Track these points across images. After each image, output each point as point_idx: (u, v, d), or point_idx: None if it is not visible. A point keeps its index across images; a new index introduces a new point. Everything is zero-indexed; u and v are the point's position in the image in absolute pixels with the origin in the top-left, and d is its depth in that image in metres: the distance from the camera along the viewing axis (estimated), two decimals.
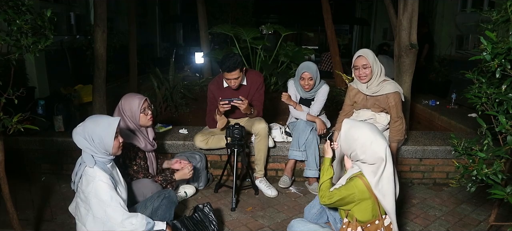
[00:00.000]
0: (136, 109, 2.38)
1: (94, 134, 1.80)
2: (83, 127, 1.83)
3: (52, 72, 5.35)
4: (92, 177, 1.79)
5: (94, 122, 1.84)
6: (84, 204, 1.83)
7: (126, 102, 2.40)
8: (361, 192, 1.77)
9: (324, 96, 3.04)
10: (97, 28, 3.64)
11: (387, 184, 1.78)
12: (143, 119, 2.42)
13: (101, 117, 1.91)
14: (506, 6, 1.50)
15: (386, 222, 1.83)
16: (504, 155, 1.56)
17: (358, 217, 1.80)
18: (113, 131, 1.84)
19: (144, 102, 2.42)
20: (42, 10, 1.77)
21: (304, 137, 2.90)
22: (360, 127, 1.82)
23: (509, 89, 1.53)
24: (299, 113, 3.02)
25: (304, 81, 2.94)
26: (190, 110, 4.73)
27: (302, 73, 2.94)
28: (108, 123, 1.86)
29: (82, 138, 1.81)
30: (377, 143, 1.76)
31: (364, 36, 13.98)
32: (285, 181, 3.00)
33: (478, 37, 1.61)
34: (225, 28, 5.34)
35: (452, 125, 3.95)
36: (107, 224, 1.80)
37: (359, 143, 1.77)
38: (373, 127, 1.84)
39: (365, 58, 2.63)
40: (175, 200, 2.22)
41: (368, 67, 2.64)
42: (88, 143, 1.80)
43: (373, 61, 2.64)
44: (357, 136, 1.79)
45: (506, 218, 2.48)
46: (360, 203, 1.78)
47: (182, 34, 15.63)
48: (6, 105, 1.77)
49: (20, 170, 3.19)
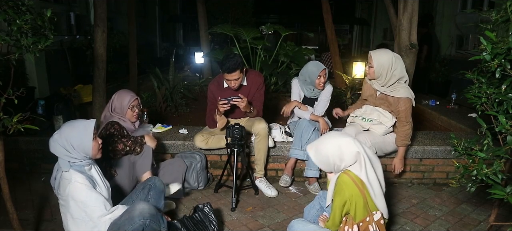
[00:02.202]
0: (126, 103, 2.59)
1: (71, 138, 1.79)
2: (59, 134, 1.81)
3: (52, 72, 5.36)
4: (68, 179, 1.78)
5: (70, 127, 1.84)
6: (64, 208, 1.84)
7: (119, 95, 2.63)
8: (350, 188, 1.76)
9: (328, 96, 3.05)
10: (97, 28, 3.64)
11: (372, 174, 1.80)
12: (129, 113, 2.61)
13: (76, 121, 1.90)
14: (506, 6, 1.50)
15: (376, 217, 1.84)
16: (504, 155, 1.55)
17: (353, 217, 1.80)
18: (90, 132, 1.83)
19: (134, 100, 2.62)
20: (42, 10, 1.77)
21: (306, 136, 2.90)
22: (323, 143, 1.85)
23: (509, 89, 1.53)
24: (303, 113, 3.02)
25: (320, 79, 2.94)
26: (190, 110, 4.73)
27: (320, 71, 2.92)
28: (84, 125, 1.85)
29: (60, 146, 1.79)
30: (345, 144, 1.79)
31: (364, 36, 13.99)
32: (286, 180, 3.00)
33: (478, 37, 1.61)
34: (225, 28, 5.34)
35: (452, 125, 3.95)
36: (88, 224, 1.80)
37: (332, 156, 1.80)
38: (332, 134, 1.89)
39: (371, 57, 2.67)
40: (162, 188, 2.20)
41: (371, 67, 2.66)
42: (65, 150, 1.79)
43: (379, 64, 2.62)
44: (325, 152, 1.82)
45: (506, 218, 2.48)
46: (355, 203, 1.78)
47: (182, 34, 15.65)
48: (6, 105, 1.77)
49: (20, 170, 3.19)
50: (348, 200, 1.77)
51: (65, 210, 1.83)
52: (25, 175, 3.16)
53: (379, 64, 2.62)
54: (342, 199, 1.78)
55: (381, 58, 2.63)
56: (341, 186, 1.78)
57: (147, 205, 1.83)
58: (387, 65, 2.61)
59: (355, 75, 5.16)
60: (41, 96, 4.30)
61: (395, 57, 2.64)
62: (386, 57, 2.63)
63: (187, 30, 15.83)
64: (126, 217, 1.79)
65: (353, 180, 1.77)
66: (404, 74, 2.68)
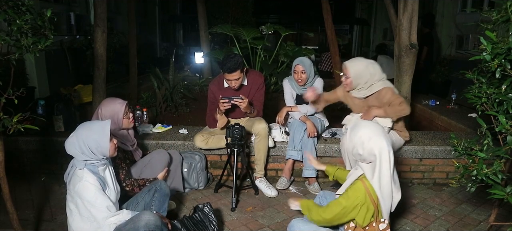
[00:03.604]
0: (121, 115, 2.43)
1: (89, 140, 1.81)
2: (76, 137, 1.82)
3: (52, 72, 5.35)
4: (79, 177, 1.81)
5: (87, 129, 1.84)
6: (72, 203, 1.86)
7: (107, 108, 2.41)
8: (363, 197, 1.76)
9: (319, 89, 3.01)
10: (97, 28, 3.64)
11: (386, 186, 1.79)
12: (125, 122, 2.48)
13: (92, 123, 1.92)
14: (506, 6, 1.50)
15: (381, 226, 1.83)
16: (504, 155, 1.55)
17: (359, 221, 1.80)
18: (107, 133, 1.85)
19: (125, 107, 2.47)
20: (42, 10, 1.77)
21: (299, 136, 2.90)
22: (364, 125, 1.86)
23: (509, 89, 1.53)
24: (295, 114, 3.02)
25: (297, 74, 2.96)
26: (190, 110, 4.74)
27: (295, 66, 2.97)
28: (101, 126, 1.86)
29: (77, 148, 1.80)
30: (374, 141, 1.77)
31: (364, 36, 13.98)
32: (283, 183, 2.99)
33: (478, 37, 1.61)
34: (225, 28, 5.34)
35: (452, 125, 3.95)
36: (93, 224, 1.83)
37: (359, 138, 1.80)
38: (376, 126, 1.86)
39: (346, 68, 2.66)
40: (167, 192, 2.20)
41: (348, 78, 2.67)
42: (83, 153, 1.81)
43: (355, 73, 2.62)
44: (358, 132, 1.83)
45: (506, 218, 2.48)
46: (361, 209, 1.78)
47: (182, 34, 15.64)
48: (6, 105, 1.77)
49: (20, 170, 3.19)
50: (355, 208, 1.76)
51: (73, 206, 1.84)
52: (25, 175, 3.16)
53: (356, 73, 2.62)
54: (350, 205, 1.76)
55: (356, 67, 2.62)
56: (355, 192, 1.78)
57: (153, 216, 1.83)
58: (364, 73, 2.60)
59: None
60: (41, 96, 4.30)
61: (370, 64, 2.63)
62: (361, 65, 2.62)
63: (187, 30, 15.83)
64: (131, 226, 1.79)
65: (367, 190, 1.77)
66: (382, 76, 2.65)
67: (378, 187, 1.77)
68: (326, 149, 3.06)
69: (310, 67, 2.95)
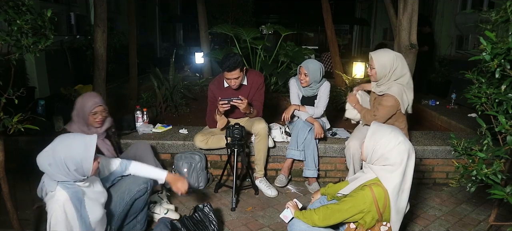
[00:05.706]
0: (87, 110, 2.34)
1: (69, 160, 1.55)
2: (53, 153, 1.56)
3: (52, 72, 5.36)
4: (50, 195, 1.61)
5: (67, 146, 1.57)
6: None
7: (80, 99, 2.40)
8: (369, 204, 1.74)
9: (325, 93, 3.01)
10: (97, 28, 3.65)
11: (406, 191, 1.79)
12: (91, 120, 2.37)
13: (73, 138, 1.63)
14: (505, 6, 1.50)
15: (383, 229, 1.83)
16: (504, 155, 1.56)
17: (361, 222, 1.80)
18: (92, 154, 1.60)
19: (97, 107, 2.35)
20: (42, 10, 1.77)
21: (302, 136, 2.90)
22: (385, 130, 1.80)
23: (508, 89, 1.53)
24: (303, 114, 3.01)
25: (301, 75, 2.98)
26: (190, 110, 4.74)
27: (299, 67, 2.98)
28: (84, 144, 1.59)
29: (52, 167, 1.55)
30: (404, 144, 1.74)
31: (364, 36, 13.98)
32: (281, 180, 3.00)
33: (478, 37, 1.61)
34: (225, 28, 5.35)
35: (452, 125, 3.95)
36: None
37: (388, 142, 1.74)
38: (400, 131, 1.82)
39: (372, 59, 2.58)
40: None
41: (373, 68, 2.58)
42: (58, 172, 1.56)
43: (380, 65, 2.53)
44: (385, 136, 1.76)
45: (506, 218, 2.48)
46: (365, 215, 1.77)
47: (182, 34, 15.66)
48: (6, 105, 1.77)
49: (20, 170, 3.19)
50: (359, 213, 1.75)
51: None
52: (25, 175, 3.16)
53: (381, 65, 2.53)
54: (354, 210, 1.75)
55: (382, 59, 2.53)
56: (362, 198, 1.75)
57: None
58: (389, 65, 2.51)
59: (355, 75, 5.17)
60: (41, 96, 4.31)
61: (396, 56, 2.54)
62: (387, 57, 2.53)
63: (187, 30, 15.85)
64: (132, 180, 1.96)
65: (374, 198, 1.74)
66: (404, 73, 2.56)
67: (397, 191, 1.74)
68: (326, 149, 3.07)
69: (314, 72, 2.90)
